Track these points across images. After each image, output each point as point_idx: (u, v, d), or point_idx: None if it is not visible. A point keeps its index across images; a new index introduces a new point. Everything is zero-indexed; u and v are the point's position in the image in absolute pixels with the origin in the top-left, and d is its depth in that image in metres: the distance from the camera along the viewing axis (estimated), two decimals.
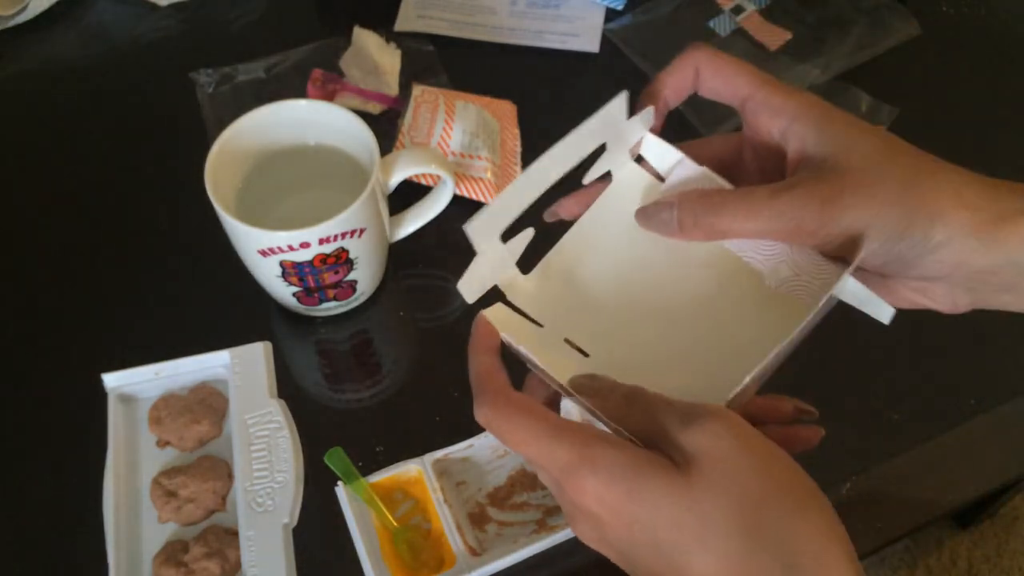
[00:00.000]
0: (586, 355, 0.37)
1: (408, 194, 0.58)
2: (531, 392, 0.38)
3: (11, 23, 0.74)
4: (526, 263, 0.38)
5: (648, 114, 0.38)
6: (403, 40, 0.72)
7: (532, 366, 0.36)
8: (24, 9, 0.74)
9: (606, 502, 0.30)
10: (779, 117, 0.35)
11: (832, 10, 0.74)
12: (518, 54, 0.73)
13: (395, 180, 0.54)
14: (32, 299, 0.61)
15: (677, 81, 0.38)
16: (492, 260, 0.37)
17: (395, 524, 0.50)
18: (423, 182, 0.61)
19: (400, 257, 0.61)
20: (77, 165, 0.68)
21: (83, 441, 0.53)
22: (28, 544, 0.51)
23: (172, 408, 0.53)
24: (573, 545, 0.50)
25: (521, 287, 0.38)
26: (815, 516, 0.28)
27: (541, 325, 0.38)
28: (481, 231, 0.36)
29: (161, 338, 0.58)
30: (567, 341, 0.38)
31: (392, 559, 0.49)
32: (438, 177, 0.58)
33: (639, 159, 0.39)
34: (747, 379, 0.32)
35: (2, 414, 0.56)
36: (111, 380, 0.54)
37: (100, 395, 0.54)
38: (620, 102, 0.36)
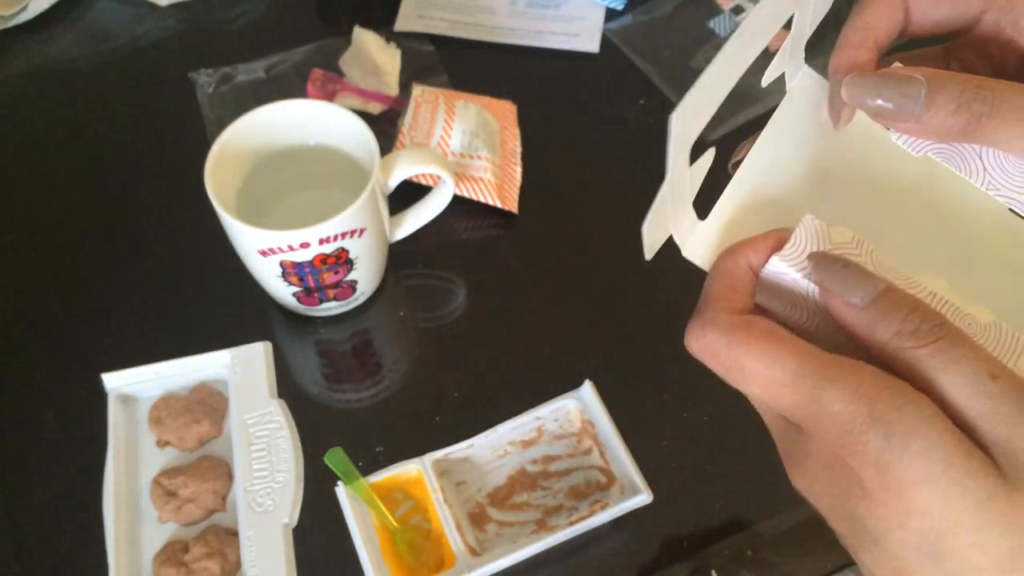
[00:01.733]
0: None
1: (408, 194, 0.58)
2: None
3: (11, 23, 0.74)
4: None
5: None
6: (403, 40, 0.72)
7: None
8: (24, 9, 0.74)
9: (888, 473, 0.23)
10: None
11: (832, 10, 0.74)
12: (518, 54, 0.73)
13: (395, 180, 0.54)
14: (32, 299, 0.61)
15: (883, 11, 0.29)
16: (677, 188, 0.28)
17: (395, 524, 0.50)
18: (423, 182, 0.61)
19: (400, 257, 0.61)
20: (77, 165, 0.68)
21: (83, 441, 0.53)
22: (28, 544, 0.51)
23: (172, 408, 0.53)
24: (573, 545, 0.50)
25: (703, 237, 0.30)
26: None
27: None
28: (688, 119, 0.26)
29: (161, 338, 0.58)
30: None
31: (392, 559, 0.49)
32: (438, 177, 0.58)
33: None
34: None
35: (2, 414, 0.56)
36: (111, 380, 0.54)
37: (100, 395, 0.54)
38: None
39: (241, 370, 0.54)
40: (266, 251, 0.51)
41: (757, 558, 0.50)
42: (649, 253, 0.28)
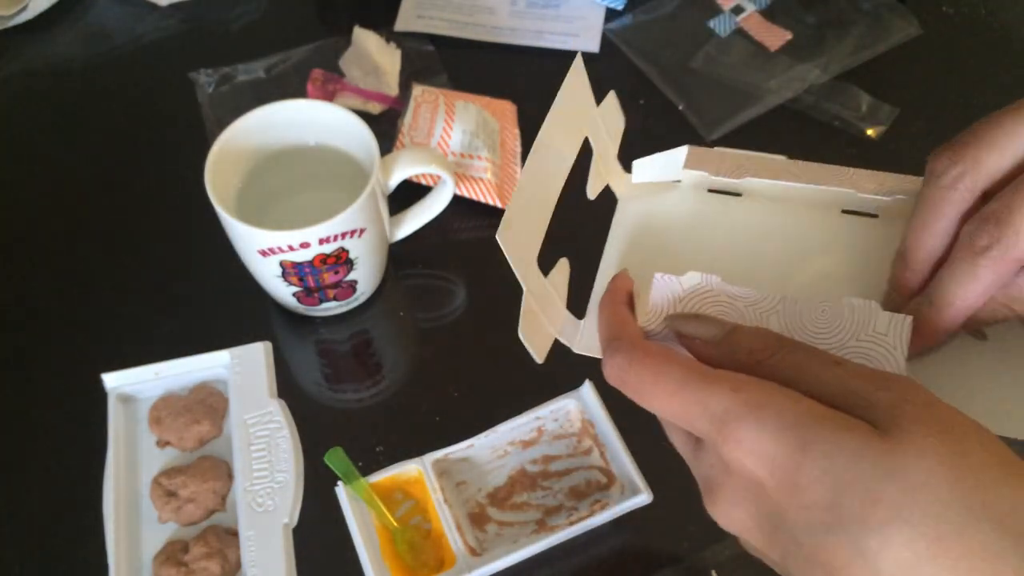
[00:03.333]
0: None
1: (408, 194, 0.58)
2: None
3: (11, 23, 0.74)
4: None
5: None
6: (403, 40, 0.72)
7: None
8: (24, 9, 0.74)
9: (771, 457, 0.25)
10: None
11: (832, 10, 0.74)
12: (518, 54, 0.73)
13: (395, 180, 0.54)
14: (32, 299, 0.61)
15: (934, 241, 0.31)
16: (542, 299, 0.33)
17: (395, 524, 0.50)
18: (423, 182, 0.61)
19: (400, 257, 0.61)
20: (77, 165, 0.68)
21: (83, 441, 0.53)
22: (28, 544, 0.51)
23: (172, 408, 0.53)
24: (573, 545, 0.50)
25: (589, 331, 0.35)
26: None
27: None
28: (516, 234, 0.31)
29: (161, 338, 0.58)
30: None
31: (392, 559, 0.49)
32: (438, 177, 0.58)
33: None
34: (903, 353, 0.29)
35: (2, 414, 0.56)
36: (111, 380, 0.54)
37: (100, 395, 0.54)
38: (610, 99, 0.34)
39: (241, 370, 0.54)
40: (266, 251, 0.51)
41: (757, 558, 0.50)
42: (539, 358, 0.32)
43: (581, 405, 0.53)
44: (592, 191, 0.37)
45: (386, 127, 0.65)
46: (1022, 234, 0.28)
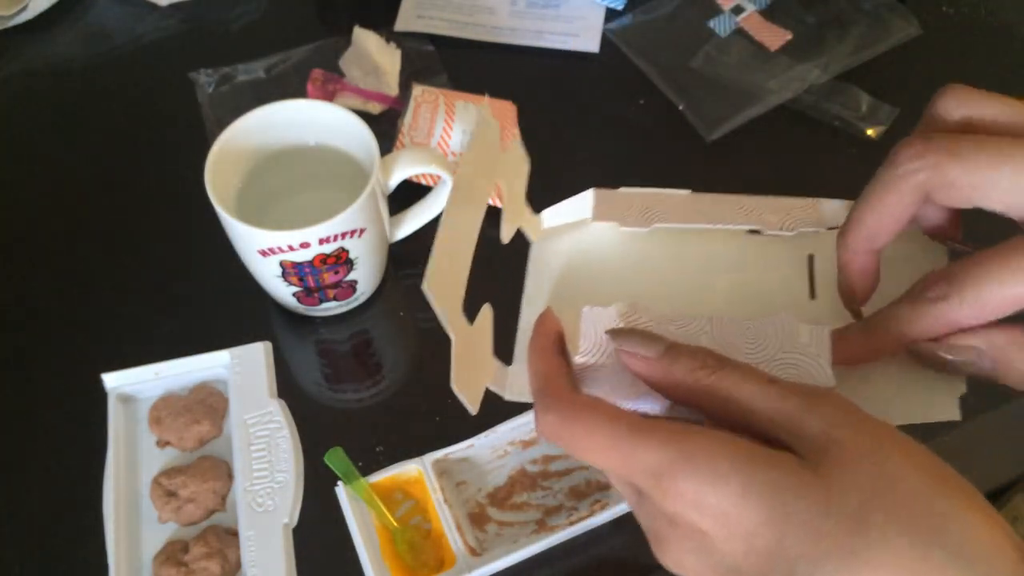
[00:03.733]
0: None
1: (408, 194, 0.58)
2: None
3: (11, 23, 0.74)
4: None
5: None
6: (403, 40, 0.72)
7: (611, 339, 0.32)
8: (24, 9, 0.74)
9: (712, 507, 0.25)
10: None
11: (832, 10, 0.74)
12: (518, 54, 0.73)
13: (395, 180, 0.54)
14: (32, 299, 0.61)
15: (887, 212, 0.30)
16: (470, 347, 0.33)
17: (395, 524, 0.50)
18: (423, 182, 0.61)
19: (400, 257, 0.61)
20: (77, 165, 0.68)
21: (83, 441, 0.53)
22: (28, 544, 0.51)
23: (172, 408, 0.53)
24: (573, 545, 0.50)
25: (519, 376, 0.35)
26: (982, 506, 0.24)
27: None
28: (440, 283, 0.31)
29: (161, 338, 0.58)
30: None
31: (392, 559, 0.49)
32: (438, 177, 0.58)
33: None
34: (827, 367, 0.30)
35: (2, 414, 0.56)
36: (111, 380, 0.54)
37: (100, 395, 0.54)
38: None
39: (241, 370, 0.54)
40: (266, 251, 0.51)
41: None
42: (473, 409, 0.32)
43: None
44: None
45: (386, 127, 0.65)
46: (965, 303, 0.28)
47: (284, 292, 0.55)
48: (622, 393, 0.31)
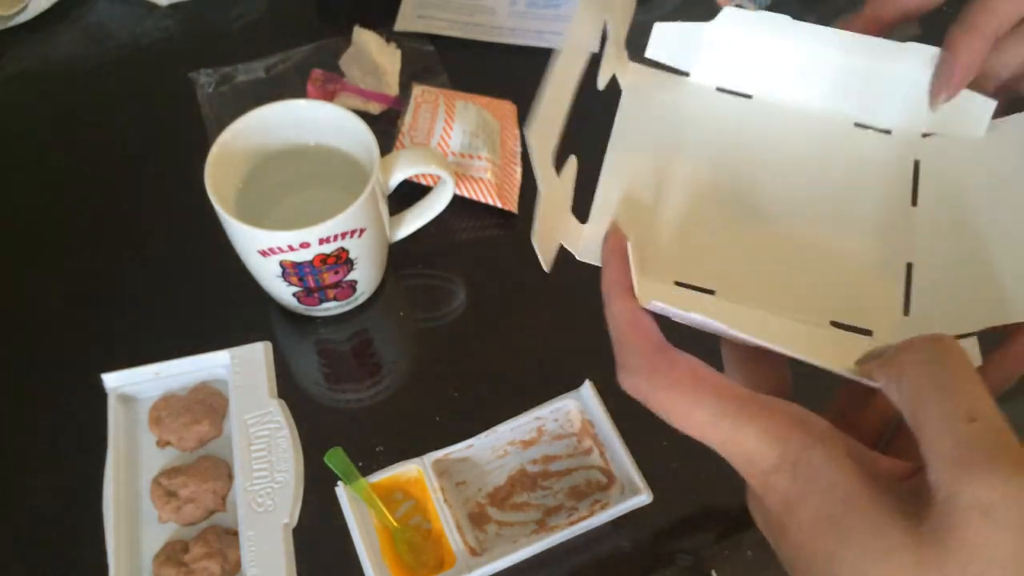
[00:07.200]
0: (711, 292, 0.31)
1: (408, 194, 0.58)
2: None
3: (11, 23, 0.74)
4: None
5: None
6: (403, 40, 0.72)
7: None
8: (24, 9, 0.74)
9: (794, 513, 0.24)
10: None
11: (832, 10, 0.74)
12: (518, 54, 0.73)
13: (395, 180, 0.54)
14: (32, 299, 0.61)
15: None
16: (554, 200, 0.30)
17: (395, 524, 0.50)
18: (423, 182, 0.61)
19: (400, 257, 0.61)
20: (77, 165, 0.68)
21: (83, 441, 0.53)
22: (28, 544, 0.51)
23: (172, 408, 0.53)
24: (573, 545, 0.50)
25: (592, 237, 0.32)
26: None
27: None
28: (543, 133, 0.29)
29: (161, 338, 0.58)
30: (678, 284, 0.31)
31: (392, 559, 0.49)
32: (438, 177, 0.58)
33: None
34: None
35: (2, 414, 0.56)
36: (111, 380, 0.54)
37: (100, 395, 0.54)
38: None
39: (241, 370, 0.54)
40: (266, 251, 0.51)
41: (757, 558, 0.50)
42: (547, 266, 0.30)
43: (581, 405, 0.53)
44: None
45: (386, 127, 0.65)
46: None
47: (284, 292, 0.55)
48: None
